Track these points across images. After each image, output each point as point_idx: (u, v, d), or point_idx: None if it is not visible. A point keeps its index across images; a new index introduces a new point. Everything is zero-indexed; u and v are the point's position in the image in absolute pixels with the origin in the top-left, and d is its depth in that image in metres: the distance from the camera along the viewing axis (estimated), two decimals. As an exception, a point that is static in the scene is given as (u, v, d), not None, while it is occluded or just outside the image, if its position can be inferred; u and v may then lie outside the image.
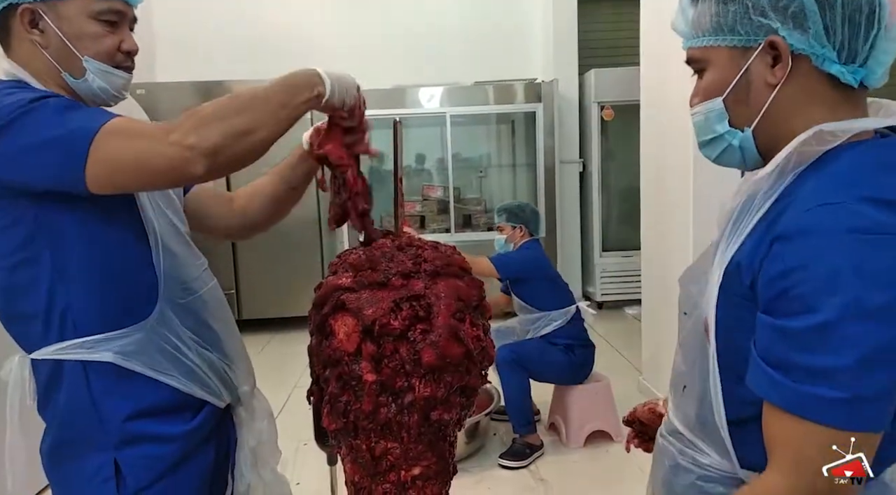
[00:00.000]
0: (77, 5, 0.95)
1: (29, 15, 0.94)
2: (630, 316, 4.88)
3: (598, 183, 5.13)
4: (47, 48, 0.96)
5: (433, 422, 0.93)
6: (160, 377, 1.01)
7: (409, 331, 0.91)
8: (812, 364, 0.64)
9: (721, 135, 0.79)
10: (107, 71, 0.99)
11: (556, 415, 2.93)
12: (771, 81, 0.74)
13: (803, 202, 0.69)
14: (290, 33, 5.12)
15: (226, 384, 1.12)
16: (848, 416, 0.64)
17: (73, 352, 0.96)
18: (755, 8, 0.72)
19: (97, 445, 0.99)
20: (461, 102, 4.82)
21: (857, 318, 0.62)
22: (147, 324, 1.00)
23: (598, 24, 5.48)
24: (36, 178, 0.88)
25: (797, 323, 0.65)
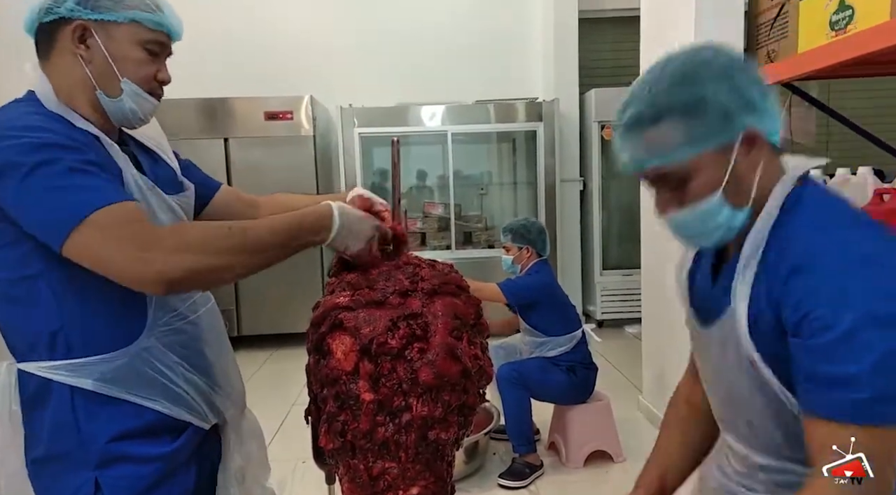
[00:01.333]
0: (128, 30, 1.00)
1: (81, 30, 0.98)
2: (630, 334, 4.86)
3: (598, 201, 5.14)
4: (89, 64, 1.00)
5: (431, 442, 0.93)
6: (144, 402, 1.01)
7: (407, 350, 0.91)
8: (834, 372, 0.73)
9: (722, 224, 0.87)
10: (140, 95, 1.03)
11: (556, 435, 2.91)
12: (756, 160, 0.86)
13: (798, 239, 0.81)
14: (292, 52, 5.18)
15: (212, 407, 1.12)
16: (872, 413, 0.72)
17: (57, 372, 0.97)
18: (727, 113, 0.83)
19: (78, 463, 0.99)
20: (463, 120, 4.86)
21: (869, 328, 0.71)
22: (132, 350, 1.00)
23: (599, 44, 5.54)
24: (23, 222, 0.92)
25: (819, 340, 0.74)
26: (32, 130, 0.91)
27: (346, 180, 4.79)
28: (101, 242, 0.87)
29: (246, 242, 0.93)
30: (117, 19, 0.99)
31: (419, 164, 5.35)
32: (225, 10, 5.09)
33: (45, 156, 0.88)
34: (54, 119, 0.97)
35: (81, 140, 0.95)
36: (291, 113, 4.63)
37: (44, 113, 0.97)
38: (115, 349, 0.99)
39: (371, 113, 4.80)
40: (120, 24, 0.99)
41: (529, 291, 2.77)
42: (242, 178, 4.64)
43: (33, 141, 0.89)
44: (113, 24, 0.99)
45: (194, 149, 4.54)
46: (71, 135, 0.94)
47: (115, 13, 0.99)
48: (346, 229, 1.01)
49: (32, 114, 0.96)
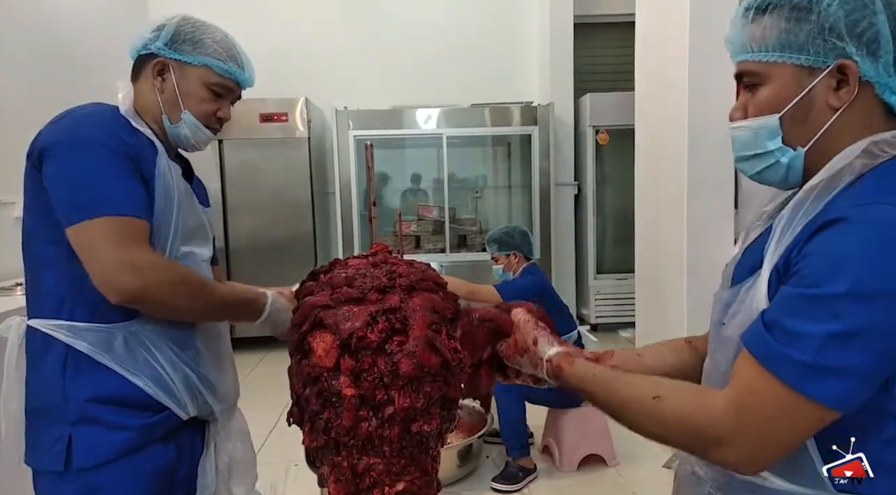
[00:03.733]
0: (199, 72, 1.19)
1: (160, 66, 1.19)
2: (624, 338, 4.87)
3: (592, 205, 5.15)
4: (161, 93, 1.19)
5: (414, 435, 0.93)
6: (128, 375, 1.10)
7: (386, 344, 0.91)
8: (792, 327, 0.68)
9: (771, 152, 0.79)
10: (196, 126, 1.21)
11: (550, 439, 2.91)
12: (834, 104, 0.75)
13: (842, 204, 0.71)
14: (288, 54, 5.18)
15: (195, 399, 1.18)
16: (799, 377, 0.67)
17: (59, 331, 1.08)
18: (832, 30, 0.72)
19: (58, 418, 1.08)
20: (458, 124, 4.86)
21: (846, 297, 0.65)
22: (128, 327, 1.10)
23: (594, 49, 5.56)
24: (51, 194, 1.06)
25: (797, 290, 0.69)
26: (92, 123, 1.08)
27: (341, 182, 4.78)
28: (101, 242, 1.01)
29: (208, 299, 1.13)
30: (192, 62, 1.18)
31: (414, 167, 5.35)
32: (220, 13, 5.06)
33: (91, 147, 1.04)
34: (118, 117, 1.13)
35: (129, 140, 1.10)
36: (286, 115, 4.63)
37: (111, 112, 1.13)
38: (113, 321, 1.09)
39: (366, 115, 4.80)
40: (194, 66, 1.18)
41: (525, 292, 2.78)
42: (236, 180, 4.64)
43: (86, 132, 1.05)
44: (188, 66, 1.18)
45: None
46: (120, 134, 1.09)
47: (192, 57, 1.18)
48: (272, 318, 1.24)
49: (100, 110, 1.12)
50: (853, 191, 0.72)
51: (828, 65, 0.73)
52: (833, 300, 0.66)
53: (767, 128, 0.78)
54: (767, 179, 0.82)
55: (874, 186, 0.71)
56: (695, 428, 0.74)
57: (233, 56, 1.22)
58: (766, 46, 0.76)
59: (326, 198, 5.16)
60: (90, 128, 1.06)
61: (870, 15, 0.71)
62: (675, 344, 1.06)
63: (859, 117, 0.75)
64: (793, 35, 0.74)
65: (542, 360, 0.92)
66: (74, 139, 1.04)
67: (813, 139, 0.76)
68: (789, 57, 0.75)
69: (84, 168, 1.03)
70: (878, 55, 0.72)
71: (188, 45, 1.18)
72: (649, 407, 0.78)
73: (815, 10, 0.73)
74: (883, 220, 0.67)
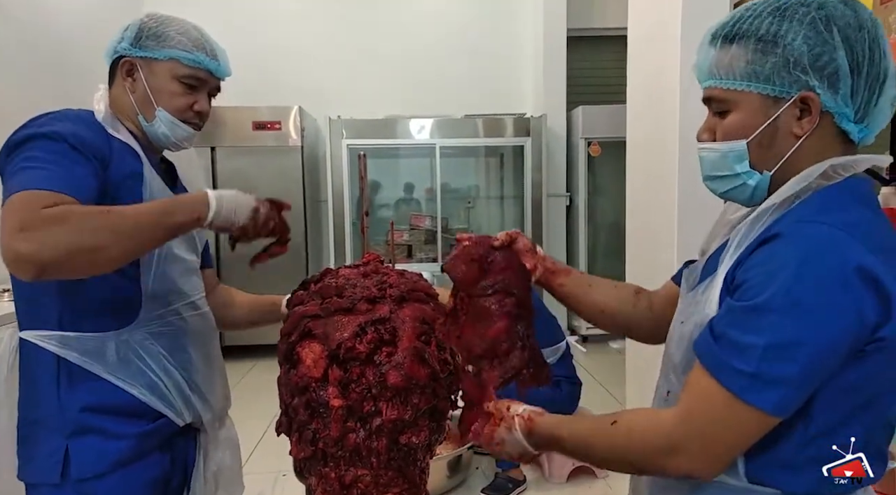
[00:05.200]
0: (166, 66, 1.15)
1: (128, 66, 1.15)
2: (614, 350, 4.87)
3: (584, 217, 5.17)
4: (133, 93, 1.16)
5: (402, 446, 0.92)
6: (121, 384, 1.08)
7: (375, 355, 0.91)
8: (735, 338, 0.73)
9: (738, 175, 0.84)
10: (173, 122, 1.17)
11: (540, 450, 2.90)
12: (797, 132, 0.79)
13: (786, 220, 0.77)
14: (282, 63, 5.19)
15: (188, 405, 1.17)
16: (743, 386, 0.72)
17: (48, 342, 1.05)
18: (796, 64, 0.77)
19: (53, 430, 1.06)
20: (451, 134, 4.87)
21: (778, 311, 0.70)
22: (120, 335, 1.08)
23: (587, 62, 5.61)
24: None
25: (740, 302, 0.74)
26: (52, 122, 1.02)
27: (333, 191, 4.78)
28: (6, 215, 0.89)
29: (122, 222, 0.92)
30: (158, 57, 1.14)
31: (407, 177, 5.36)
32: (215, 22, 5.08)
33: (39, 141, 0.98)
34: (91, 121, 1.08)
35: (96, 140, 1.04)
36: (280, 123, 4.63)
37: (86, 115, 1.09)
38: (104, 330, 1.07)
39: (360, 125, 4.80)
40: (160, 61, 1.14)
41: None
42: (229, 187, 4.61)
43: (38, 130, 0.99)
44: (154, 61, 1.15)
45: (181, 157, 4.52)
46: (85, 132, 1.03)
47: (157, 51, 1.14)
48: (225, 206, 1.04)
49: (73, 112, 1.08)
50: (797, 209, 0.78)
51: (791, 95, 0.78)
52: (767, 313, 0.71)
53: (735, 153, 0.83)
54: (735, 198, 0.87)
55: (816, 206, 0.77)
56: (649, 442, 0.79)
57: (200, 45, 1.17)
58: (734, 75, 0.81)
59: (319, 206, 5.15)
60: (53, 123, 1.01)
61: (830, 50, 0.76)
62: (624, 291, 1.12)
63: (820, 143, 0.80)
64: (759, 66, 0.79)
65: (513, 419, 0.92)
66: (24, 138, 0.99)
67: (778, 164, 0.81)
68: (756, 86, 0.79)
69: (21, 160, 0.96)
70: (837, 88, 0.77)
71: (152, 40, 1.14)
72: (609, 432, 0.83)
73: (780, 43, 0.77)
74: (813, 237, 0.72)
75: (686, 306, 0.89)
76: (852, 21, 0.77)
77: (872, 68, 0.77)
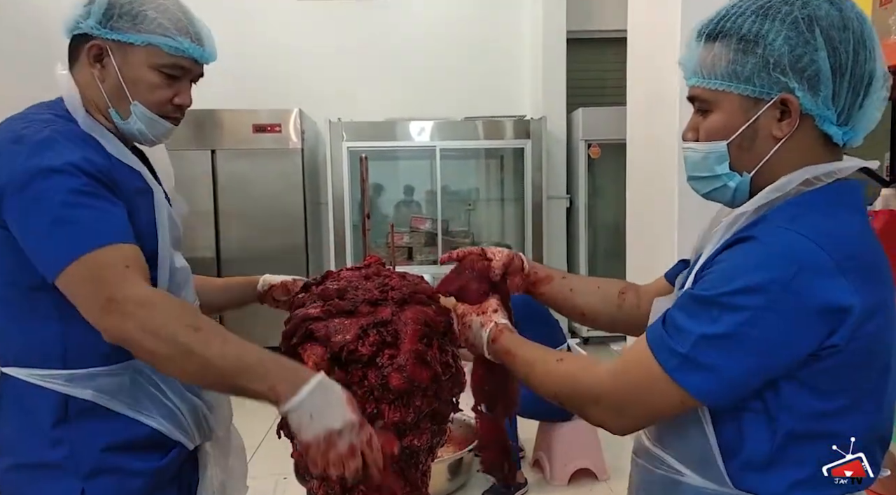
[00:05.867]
0: (144, 53, 0.99)
1: (96, 50, 0.99)
2: (616, 352, 4.87)
3: (584, 219, 5.17)
4: (103, 82, 1.00)
5: (404, 449, 0.92)
6: (140, 417, 1.00)
7: (377, 357, 0.91)
8: (678, 321, 0.77)
9: (718, 176, 0.83)
10: (151, 118, 1.03)
11: (541, 452, 2.90)
12: (777, 134, 0.78)
13: (759, 225, 0.78)
14: (282, 65, 5.20)
15: (200, 427, 1.10)
16: (673, 365, 0.76)
17: (52, 381, 0.95)
18: (776, 65, 0.75)
19: (66, 472, 0.96)
20: (451, 136, 4.88)
21: (724, 305, 0.73)
22: (133, 364, 0.98)
23: (587, 64, 5.61)
24: (23, 245, 0.91)
25: (691, 292, 0.78)
26: (52, 148, 0.90)
27: (333, 193, 4.78)
28: (80, 284, 0.88)
29: (202, 351, 0.84)
30: (134, 41, 0.98)
31: (407, 179, 5.36)
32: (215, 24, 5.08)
33: (55, 181, 0.88)
34: (83, 138, 0.96)
35: (97, 159, 0.94)
36: (280, 126, 4.63)
37: (72, 131, 0.96)
38: (114, 361, 0.97)
39: (360, 127, 4.81)
40: (136, 46, 0.98)
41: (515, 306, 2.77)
42: (229, 190, 4.62)
43: (47, 163, 0.88)
44: (129, 47, 0.98)
45: (181, 160, 4.51)
46: (92, 159, 0.93)
47: (132, 35, 0.98)
48: (310, 403, 0.83)
49: (60, 129, 0.94)
50: (774, 214, 0.78)
51: (772, 97, 0.77)
52: (714, 305, 0.74)
53: (716, 154, 0.82)
54: (717, 199, 0.88)
55: (792, 212, 0.77)
56: (580, 385, 0.85)
57: (183, 28, 1.00)
58: (716, 74, 0.80)
59: (319, 208, 5.16)
60: (47, 157, 0.89)
61: (811, 51, 0.74)
62: (608, 291, 1.14)
63: (801, 146, 0.79)
64: (740, 66, 0.77)
65: (491, 322, 0.99)
66: (31, 176, 0.88)
67: (758, 166, 0.81)
68: (736, 87, 0.78)
69: (47, 209, 0.88)
70: (818, 90, 0.75)
71: (126, 20, 0.97)
72: (550, 366, 0.89)
73: (761, 43, 0.76)
74: (779, 245, 0.73)
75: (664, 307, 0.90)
76: (836, 21, 0.75)
77: (857, 69, 0.75)
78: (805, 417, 0.76)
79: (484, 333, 0.98)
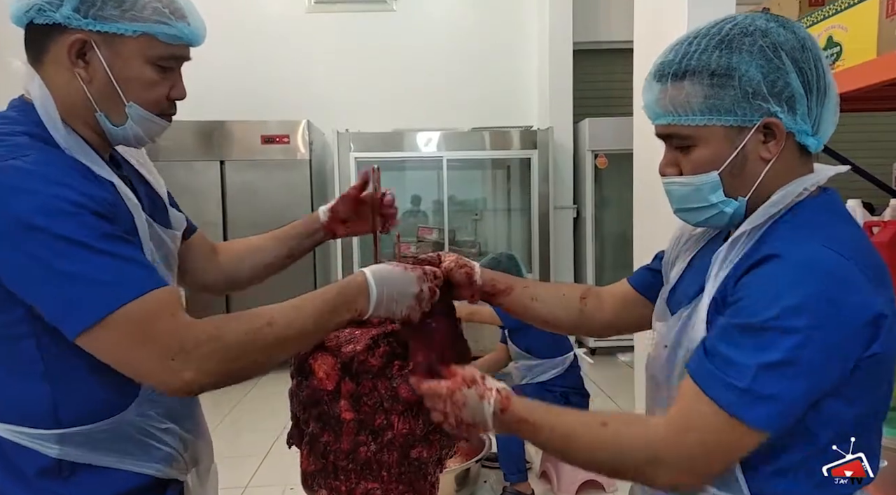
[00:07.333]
0: (137, 45, 0.84)
1: (79, 45, 0.82)
2: (623, 362, 4.84)
3: (591, 229, 5.17)
4: (88, 83, 0.84)
5: (413, 460, 0.92)
6: (136, 468, 0.90)
7: (387, 368, 0.92)
8: (729, 355, 0.74)
9: (714, 204, 0.85)
10: (149, 119, 0.89)
11: (548, 464, 2.88)
12: (765, 156, 0.82)
13: (776, 241, 0.78)
14: (290, 77, 5.24)
15: (193, 459, 1.02)
16: (735, 402, 0.73)
17: (43, 443, 0.84)
18: (755, 93, 0.79)
19: None
20: (458, 147, 4.90)
21: (776, 330, 0.72)
22: (126, 417, 0.89)
23: (593, 75, 5.63)
24: (26, 297, 0.78)
25: (733, 320, 0.75)
26: (48, 183, 0.76)
27: (341, 204, 4.80)
28: (124, 344, 0.77)
29: (286, 333, 0.83)
30: (125, 32, 0.82)
31: (414, 189, 5.38)
32: (224, 35, 5.16)
33: (61, 225, 0.74)
34: (72, 167, 0.81)
35: (101, 196, 0.81)
36: (288, 137, 4.66)
37: (59, 158, 0.81)
38: (108, 415, 0.87)
39: (367, 138, 4.83)
40: (128, 37, 0.83)
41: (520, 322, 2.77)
42: (237, 201, 4.65)
43: (50, 202, 0.74)
44: (119, 38, 0.82)
45: (190, 171, 4.55)
46: (92, 194, 0.79)
47: (123, 24, 0.82)
48: (386, 296, 0.89)
49: (46, 156, 0.79)
50: (786, 228, 0.80)
51: (755, 123, 0.80)
52: (763, 332, 0.72)
53: (709, 185, 0.84)
54: (712, 225, 0.89)
55: (802, 225, 0.79)
56: (637, 449, 0.78)
57: (178, 11, 0.86)
58: (693, 110, 0.82)
59: (326, 219, 5.17)
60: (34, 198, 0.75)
61: (784, 75, 0.79)
62: (570, 297, 1.14)
63: (786, 160, 0.82)
64: (718, 100, 0.80)
65: (490, 391, 0.87)
66: (22, 224, 0.74)
67: (753, 188, 0.83)
68: (718, 119, 0.80)
69: (54, 258, 0.74)
70: (795, 109, 0.80)
71: (112, 7, 0.81)
72: (596, 432, 0.82)
73: (734, 75, 0.79)
74: (812, 259, 0.74)
75: (669, 330, 0.90)
76: (795, 43, 0.80)
77: (820, 83, 0.81)
78: (839, 426, 0.77)
79: (487, 406, 0.85)
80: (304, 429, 0.97)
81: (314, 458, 0.94)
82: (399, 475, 0.92)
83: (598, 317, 1.12)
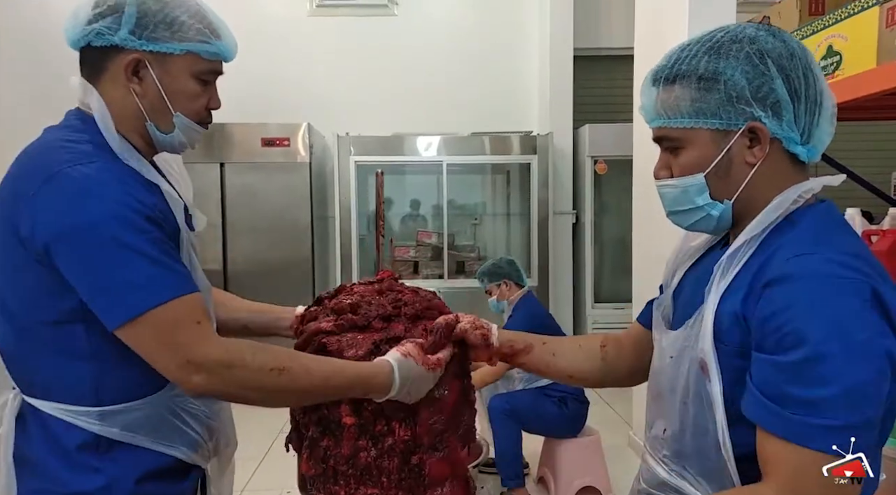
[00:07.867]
0: (183, 62, 0.96)
1: (134, 64, 0.94)
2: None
3: (590, 234, 5.17)
4: (142, 97, 0.96)
5: (413, 466, 0.92)
6: (164, 449, 0.98)
7: None
8: (805, 395, 0.71)
9: (701, 207, 0.86)
10: (191, 127, 1.01)
11: (545, 469, 2.87)
12: (750, 160, 0.83)
13: (784, 253, 0.78)
14: (291, 80, 5.24)
15: (217, 447, 1.09)
16: (842, 442, 0.70)
17: (84, 419, 0.93)
18: (739, 98, 0.81)
19: None
20: (458, 151, 4.90)
21: (838, 353, 0.70)
22: (161, 398, 0.97)
23: (593, 81, 5.64)
24: (80, 290, 0.88)
25: (788, 357, 0.72)
26: (112, 189, 0.87)
27: (341, 207, 4.80)
28: (152, 341, 0.87)
29: (292, 388, 0.90)
30: (174, 51, 0.95)
31: (414, 193, 5.38)
32: (226, 38, 5.18)
33: (111, 229, 0.85)
34: (129, 174, 0.92)
35: (147, 199, 0.91)
36: (288, 140, 4.66)
37: (118, 166, 0.92)
38: (144, 394, 0.96)
39: (367, 141, 4.84)
40: (176, 55, 0.95)
41: (525, 327, 2.77)
42: (237, 203, 4.65)
43: (113, 207, 0.86)
44: (168, 57, 0.95)
45: (190, 172, 4.51)
46: (146, 201, 0.90)
47: (172, 44, 0.94)
48: (404, 391, 0.94)
49: (108, 164, 0.90)
50: (787, 240, 0.80)
51: (740, 127, 0.82)
52: (825, 360, 0.70)
53: (695, 186, 0.85)
54: (701, 229, 0.91)
55: (805, 236, 0.79)
56: None
57: (214, 30, 0.99)
58: (681, 113, 0.84)
59: (326, 222, 5.18)
60: (99, 203, 0.86)
61: (769, 81, 0.80)
62: (590, 348, 1.13)
63: (773, 167, 0.84)
64: (704, 103, 0.82)
65: None
66: (84, 224, 0.85)
67: (737, 192, 0.85)
68: (704, 122, 0.83)
69: (106, 258, 0.85)
70: (781, 115, 0.81)
71: (163, 29, 0.94)
72: None
73: (720, 80, 0.81)
74: (823, 274, 0.73)
75: (673, 342, 0.90)
76: (783, 51, 0.81)
77: (810, 92, 0.82)
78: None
79: None
80: (303, 433, 0.97)
81: (314, 463, 0.94)
82: (399, 481, 0.92)
83: (621, 364, 1.11)
